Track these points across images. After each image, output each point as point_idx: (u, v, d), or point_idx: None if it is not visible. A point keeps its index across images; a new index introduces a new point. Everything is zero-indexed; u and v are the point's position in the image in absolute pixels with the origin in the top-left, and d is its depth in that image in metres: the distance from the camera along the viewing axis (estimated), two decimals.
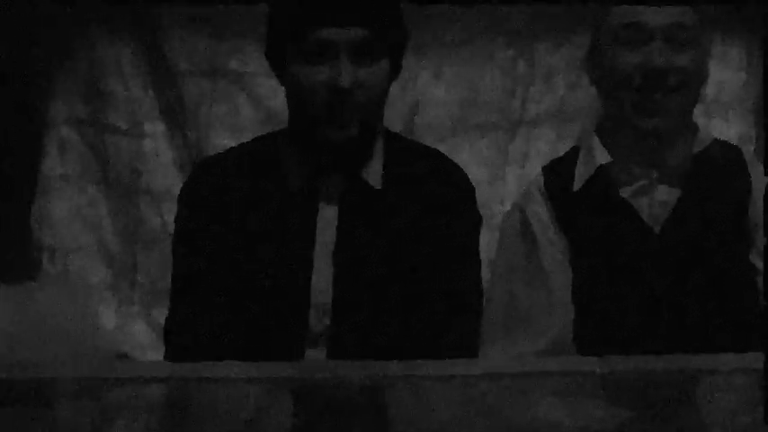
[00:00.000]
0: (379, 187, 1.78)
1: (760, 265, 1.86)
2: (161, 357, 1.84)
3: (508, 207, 2.17)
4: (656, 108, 1.84)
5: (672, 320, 1.84)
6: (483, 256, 1.86)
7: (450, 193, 1.81)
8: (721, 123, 2.95)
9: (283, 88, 1.80)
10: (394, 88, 1.82)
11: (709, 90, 2.95)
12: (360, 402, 1.32)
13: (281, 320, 1.74)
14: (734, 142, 2.03)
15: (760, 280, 1.86)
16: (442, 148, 1.93)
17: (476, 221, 1.85)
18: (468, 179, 1.86)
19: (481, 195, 1.91)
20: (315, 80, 1.68)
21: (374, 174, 1.79)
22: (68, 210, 2.94)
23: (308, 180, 1.78)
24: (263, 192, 1.78)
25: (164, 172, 2.94)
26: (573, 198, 1.92)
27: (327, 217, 1.77)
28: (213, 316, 1.75)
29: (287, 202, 1.77)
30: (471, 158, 2.90)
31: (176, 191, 1.91)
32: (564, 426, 1.19)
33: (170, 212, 2.81)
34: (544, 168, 2.01)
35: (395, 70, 1.78)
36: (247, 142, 1.91)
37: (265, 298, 1.74)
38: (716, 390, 1.39)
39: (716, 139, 1.95)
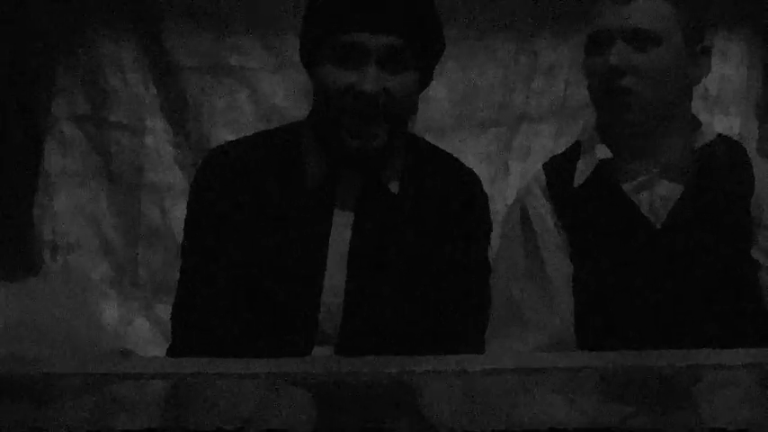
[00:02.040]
0: (397, 192, 1.77)
1: (762, 260, 1.86)
2: (163, 353, 1.84)
3: (510, 203, 2.17)
4: (616, 107, 1.85)
5: (673, 316, 1.84)
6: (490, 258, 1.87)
7: (466, 203, 1.81)
8: (723, 119, 2.95)
9: (284, 84, 1.80)
10: None
11: (712, 86, 2.95)
12: (365, 398, 1.32)
13: (290, 318, 1.73)
14: (736, 137, 2.03)
15: (762, 276, 1.86)
16: (444, 145, 1.93)
17: (488, 230, 1.85)
18: (482, 187, 1.86)
19: None
20: (341, 83, 1.67)
21: (394, 178, 1.77)
22: (70, 206, 2.95)
23: (326, 179, 1.76)
24: (279, 186, 1.76)
25: (165, 168, 2.94)
26: (574, 194, 1.92)
27: (343, 218, 1.76)
28: (221, 310, 1.74)
29: (302, 198, 1.76)
30: (473, 154, 2.89)
31: (178, 186, 1.90)
32: (566, 422, 1.19)
33: (172, 208, 2.83)
34: (545, 165, 2.01)
35: (425, 81, 1.77)
36: (266, 131, 1.88)
37: (275, 294, 1.73)
38: (718, 385, 1.39)
39: (719, 135, 1.95)
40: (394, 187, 1.77)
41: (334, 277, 1.74)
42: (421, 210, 1.77)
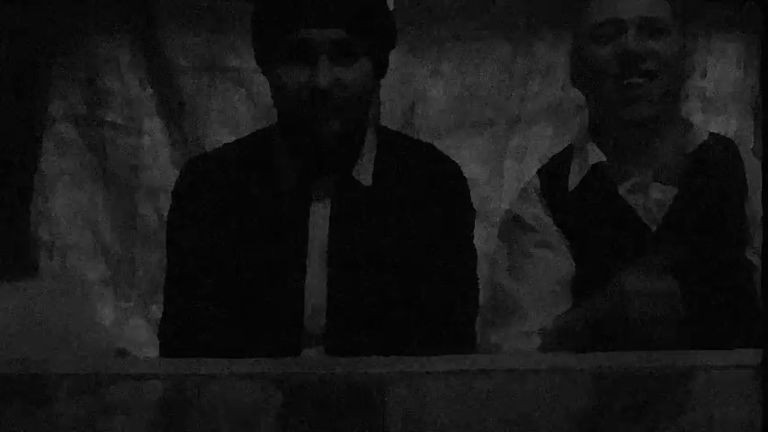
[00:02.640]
0: (369, 185, 1.78)
1: (757, 261, 1.86)
2: (159, 353, 1.85)
3: (506, 203, 2.17)
4: (636, 94, 1.85)
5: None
6: (480, 251, 1.87)
7: (444, 188, 1.81)
8: (719, 119, 2.96)
9: None
10: (392, 85, 1.83)
11: (708, 86, 2.96)
12: (356, 398, 1.32)
13: (275, 321, 1.74)
14: (732, 138, 2.03)
15: (757, 276, 1.86)
16: (441, 145, 1.93)
17: (470, 214, 1.85)
18: (461, 172, 1.86)
19: (480, 191, 1.92)
20: (294, 81, 1.70)
21: (365, 172, 1.79)
22: (66, 206, 2.95)
23: (299, 179, 1.78)
24: (255, 191, 1.78)
25: (161, 168, 2.94)
26: (569, 198, 1.92)
27: (319, 217, 1.77)
28: (207, 316, 1.75)
29: (278, 201, 1.77)
30: (470, 155, 2.90)
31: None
32: (560, 422, 1.19)
33: (168, 208, 2.82)
34: (539, 170, 2.01)
35: (380, 69, 1.79)
36: (239, 139, 1.91)
37: (259, 298, 1.74)
38: (712, 386, 1.39)
39: (711, 134, 1.95)
40: (366, 180, 1.78)
41: (316, 278, 1.75)
42: (398, 200, 1.78)
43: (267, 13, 1.74)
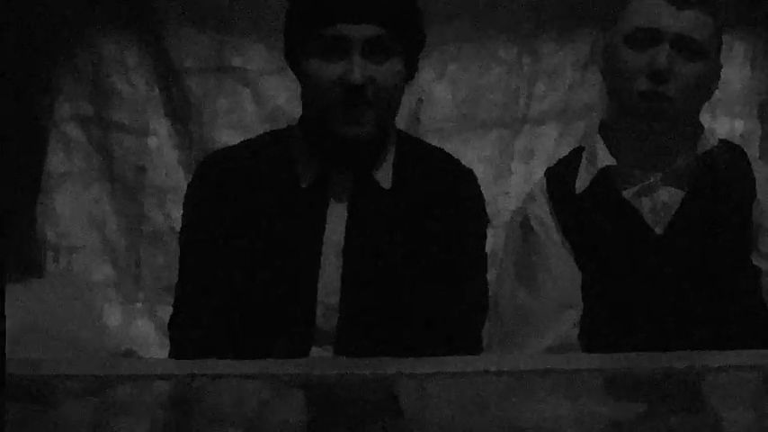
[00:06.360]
0: (389, 187, 1.78)
1: (763, 266, 1.85)
2: (166, 354, 1.85)
3: (513, 204, 2.16)
4: (658, 111, 1.83)
5: (675, 322, 1.83)
6: (488, 252, 1.87)
7: (460, 197, 1.81)
8: (726, 120, 2.95)
9: (287, 85, 1.81)
10: None
11: None
12: (364, 399, 1.32)
13: (287, 318, 1.74)
14: (738, 139, 2.02)
15: (763, 281, 1.85)
16: (447, 147, 1.93)
17: (484, 225, 1.86)
18: (478, 183, 1.86)
19: (486, 193, 1.91)
20: (328, 76, 1.69)
21: (385, 174, 1.78)
22: (73, 207, 2.95)
23: (318, 177, 1.77)
24: (272, 187, 1.78)
25: (168, 169, 2.94)
26: (576, 200, 1.91)
27: (337, 215, 1.77)
28: (219, 313, 1.75)
29: (296, 198, 1.77)
30: (476, 156, 2.89)
31: (181, 188, 1.91)
32: (567, 423, 1.19)
33: (174, 209, 2.83)
34: (547, 171, 2.00)
35: (409, 71, 1.78)
36: (258, 136, 1.90)
37: (272, 295, 1.74)
38: (720, 387, 1.38)
39: (721, 140, 1.94)
40: (386, 183, 1.78)
41: (330, 276, 1.75)
42: (414, 205, 1.78)
43: (303, 6, 1.74)
